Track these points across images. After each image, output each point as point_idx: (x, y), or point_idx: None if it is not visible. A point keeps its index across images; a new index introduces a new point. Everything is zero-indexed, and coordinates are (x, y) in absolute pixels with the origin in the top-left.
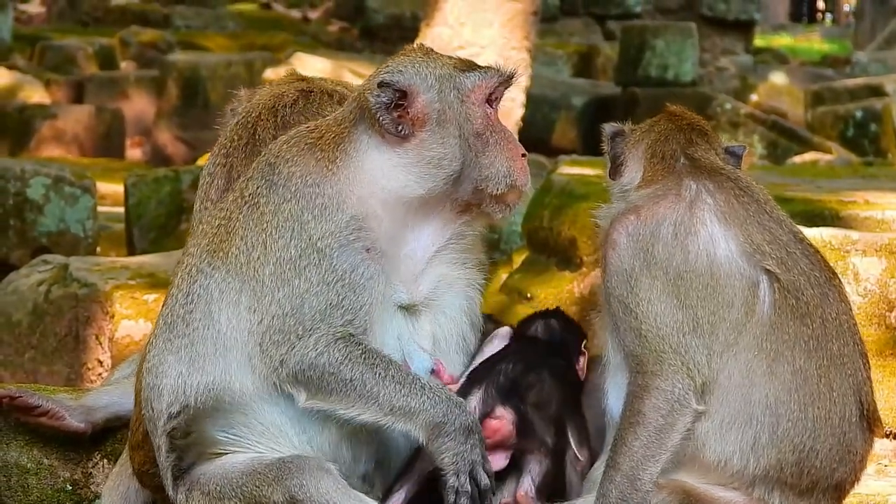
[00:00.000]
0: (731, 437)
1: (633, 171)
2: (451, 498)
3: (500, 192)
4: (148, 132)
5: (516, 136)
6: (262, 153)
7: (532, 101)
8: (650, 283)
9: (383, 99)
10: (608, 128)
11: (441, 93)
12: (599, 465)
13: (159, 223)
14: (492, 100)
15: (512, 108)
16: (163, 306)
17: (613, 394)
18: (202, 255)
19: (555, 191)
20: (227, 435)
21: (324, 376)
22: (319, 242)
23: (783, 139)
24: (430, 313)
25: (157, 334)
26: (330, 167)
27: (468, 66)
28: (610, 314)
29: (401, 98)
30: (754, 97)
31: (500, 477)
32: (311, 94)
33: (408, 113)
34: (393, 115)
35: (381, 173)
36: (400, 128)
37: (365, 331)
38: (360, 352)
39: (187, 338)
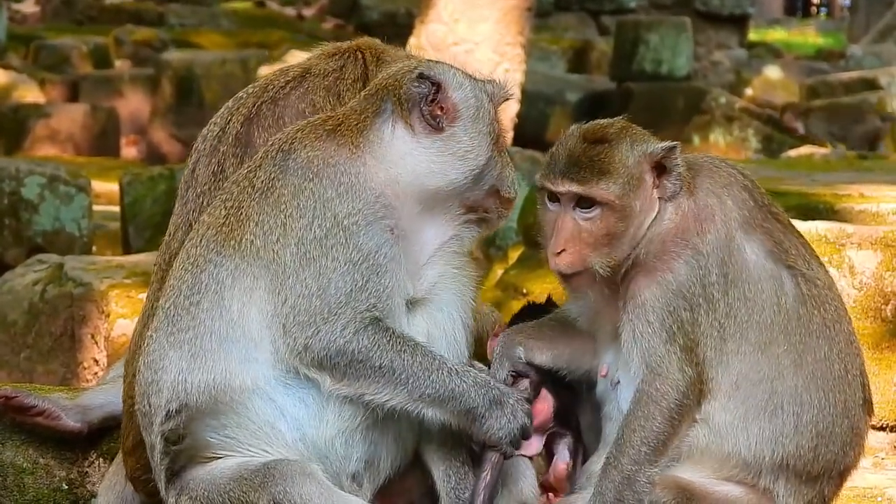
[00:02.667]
0: (754, 429)
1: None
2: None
3: (510, 195)
4: (143, 131)
5: (511, 132)
6: (270, 143)
7: (527, 97)
8: (703, 301)
9: (423, 90)
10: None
11: (474, 90)
12: (598, 460)
13: (155, 221)
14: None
15: (507, 103)
16: (163, 299)
17: (626, 386)
18: (209, 245)
19: None
20: (219, 437)
21: (352, 363)
22: (346, 220)
23: (778, 133)
24: (426, 309)
25: (158, 328)
26: (354, 151)
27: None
28: (642, 316)
29: (436, 92)
30: (749, 91)
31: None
32: (305, 79)
33: (441, 107)
34: (429, 106)
35: (408, 158)
36: (436, 119)
37: (389, 315)
38: (388, 338)
39: (192, 331)
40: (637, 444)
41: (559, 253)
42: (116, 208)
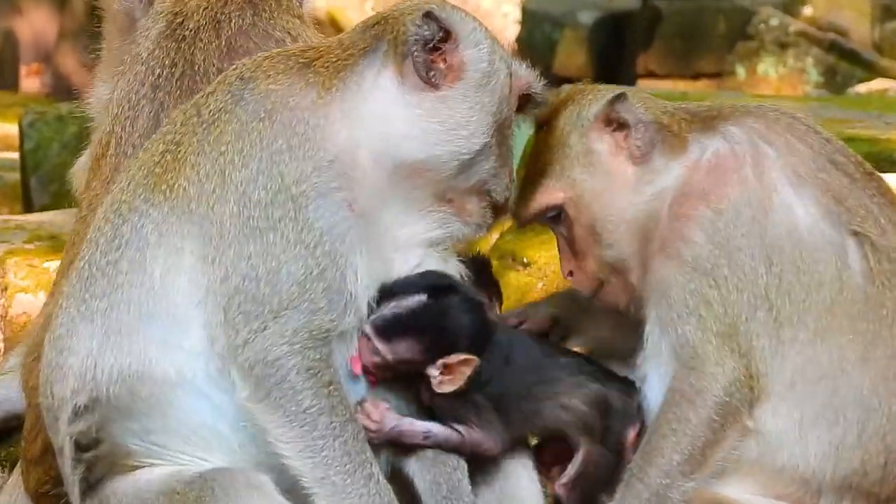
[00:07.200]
0: (813, 437)
1: (658, 143)
2: None
3: (499, 201)
4: (48, 57)
5: None
6: (234, 66)
7: (530, 18)
8: (730, 273)
9: (425, 32)
10: (626, 100)
11: (492, 55)
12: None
13: (63, 173)
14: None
15: (505, 25)
16: (78, 257)
17: (655, 384)
18: (137, 189)
19: None
20: (142, 444)
21: (280, 386)
22: (294, 187)
23: (844, 63)
24: None
25: (70, 294)
26: (322, 94)
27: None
28: (664, 300)
29: (442, 40)
30: (808, 10)
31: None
32: (257, 5)
33: (444, 59)
34: (428, 55)
35: (384, 116)
36: (431, 72)
37: (341, 314)
38: (328, 392)
39: (107, 299)
40: (668, 453)
41: (570, 275)
42: (15, 155)
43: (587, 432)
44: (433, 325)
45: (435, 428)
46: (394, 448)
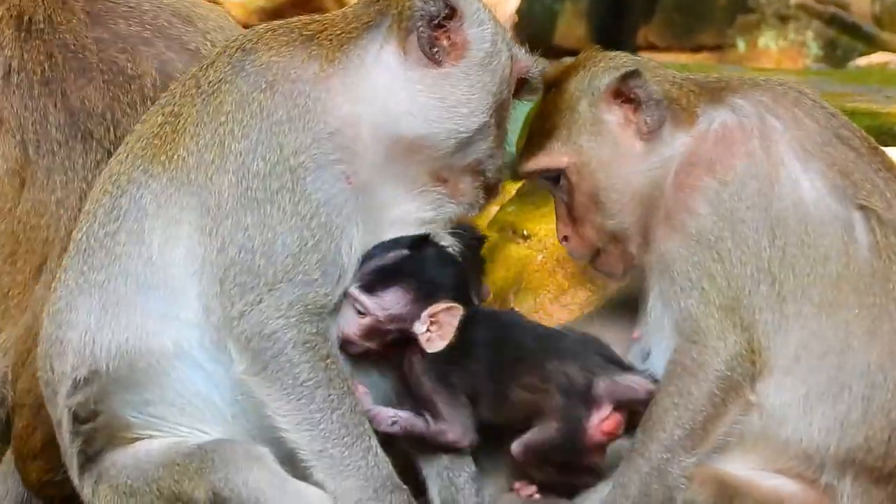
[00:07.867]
0: (818, 412)
1: (668, 119)
2: None
3: (493, 180)
4: None
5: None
6: (235, 37)
7: None
8: (734, 246)
9: (431, 8)
10: (638, 74)
11: (495, 36)
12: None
13: None
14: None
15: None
16: (76, 230)
17: (658, 359)
18: (135, 161)
19: None
20: (141, 416)
21: (278, 359)
22: (292, 159)
23: (844, 37)
24: None
25: (69, 267)
26: (325, 67)
27: None
28: (667, 273)
29: (447, 17)
30: None
31: None
32: None
33: (448, 37)
34: (432, 31)
35: (386, 91)
36: (435, 49)
37: (334, 288)
38: (327, 362)
39: (105, 271)
40: (670, 427)
41: (565, 240)
42: None
43: (542, 411)
44: (415, 273)
45: (402, 413)
46: None
